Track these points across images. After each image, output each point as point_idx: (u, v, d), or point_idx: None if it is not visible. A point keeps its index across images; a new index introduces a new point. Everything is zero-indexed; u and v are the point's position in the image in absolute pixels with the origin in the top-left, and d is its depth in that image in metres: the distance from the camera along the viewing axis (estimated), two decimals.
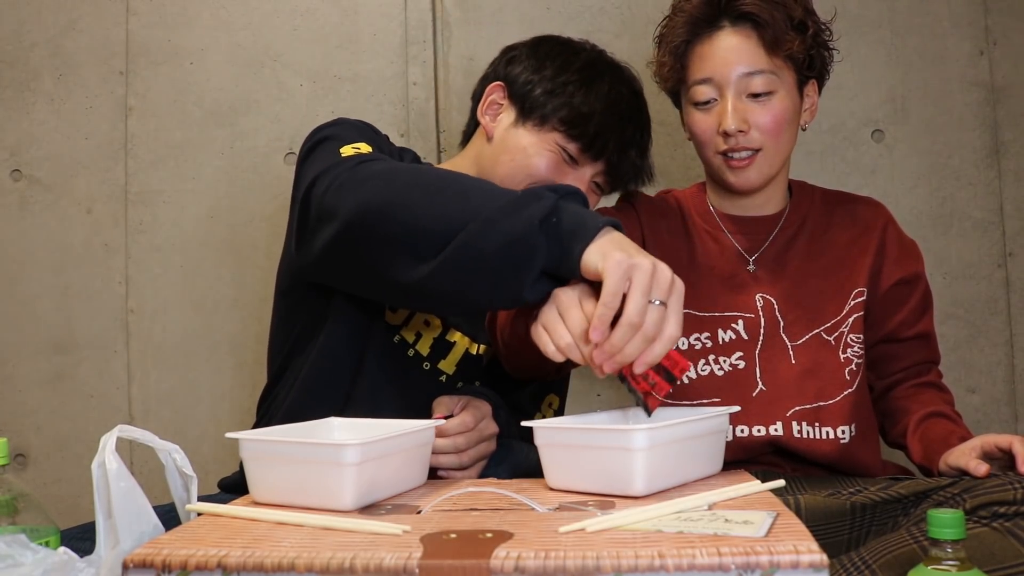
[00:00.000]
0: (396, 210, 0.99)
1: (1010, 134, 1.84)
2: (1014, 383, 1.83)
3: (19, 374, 1.86)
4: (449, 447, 1.10)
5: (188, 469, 0.90)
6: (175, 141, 1.87)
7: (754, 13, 1.24)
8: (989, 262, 1.83)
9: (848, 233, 1.36)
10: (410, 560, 0.66)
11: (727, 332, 1.31)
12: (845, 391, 1.29)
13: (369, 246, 1.02)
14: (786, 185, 1.39)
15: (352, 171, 1.06)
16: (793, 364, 1.30)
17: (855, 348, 1.31)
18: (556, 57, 1.30)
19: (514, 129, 1.30)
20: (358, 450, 0.83)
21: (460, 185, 1.00)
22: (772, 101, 1.26)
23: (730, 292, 1.33)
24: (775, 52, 1.25)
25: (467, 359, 1.31)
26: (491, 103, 1.33)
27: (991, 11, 1.84)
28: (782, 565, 0.65)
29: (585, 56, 1.32)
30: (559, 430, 0.95)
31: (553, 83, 1.28)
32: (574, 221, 0.93)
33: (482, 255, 0.93)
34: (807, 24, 1.26)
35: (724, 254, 1.35)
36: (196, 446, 1.81)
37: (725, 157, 1.28)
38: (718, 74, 1.26)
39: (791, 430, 1.27)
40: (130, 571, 0.69)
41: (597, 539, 0.71)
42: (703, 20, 1.28)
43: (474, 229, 0.93)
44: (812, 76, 1.32)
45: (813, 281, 1.33)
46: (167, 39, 1.88)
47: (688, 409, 1.21)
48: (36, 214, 1.87)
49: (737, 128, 1.25)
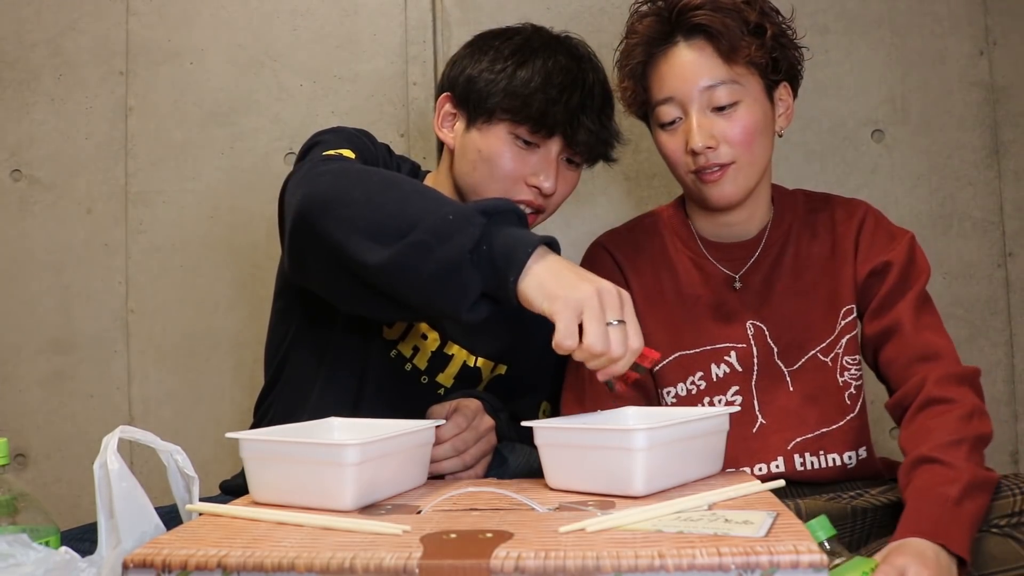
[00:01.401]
0: (337, 205, 0.99)
1: (1010, 134, 1.84)
2: (1014, 383, 1.83)
3: (19, 374, 1.86)
4: (449, 451, 1.10)
5: (190, 470, 0.90)
6: (175, 141, 1.87)
7: (706, 24, 1.20)
8: (989, 262, 1.83)
9: (827, 243, 1.30)
10: (410, 560, 0.66)
11: (720, 366, 1.27)
12: (847, 416, 1.25)
13: (313, 243, 1.02)
14: (769, 196, 1.32)
15: (310, 169, 1.08)
16: (792, 392, 1.25)
17: (852, 371, 1.26)
18: (489, 49, 1.27)
19: (468, 135, 1.26)
20: (358, 450, 0.84)
21: (403, 191, 1.00)
22: (738, 112, 1.20)
23: (719, 322, 1.28)
24: (734, 60, 1.20)
25: (465, 371, 1.31)
26: (444, 116, 1.30)
27: (991, 11, 1.84)
28: (782, 565, 0.65)
29: (519, 38, 1.28)
30: (559, 430, 0.95)
31: (490, 74, 1.24)
32: (506, 246, 0.93)
33: (419, 278, 0.94)
34: (764, 27, 1.21)
35: (709, 282, 1.30)
36: (196, 446, 1.81)
37: (698, 175, 1.23)
38: (678, 91, 1.22)
39: (793, 464, 1.23)
40: (130, 571, 0.69)
41: (597, 539, 0.71)
42: (657, 39, 1.24)
43: (408, 250, 0.93)
44: (780, 79, 1.26)
45: (801, 300, 1.28)
46: (167, 39, 1.88)
47: (688, 409, 1.21)
48: (36, 214, 1.87)
49: (705, 145, 1.19)
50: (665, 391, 1.28)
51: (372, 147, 1.25)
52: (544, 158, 1.25)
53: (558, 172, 1.26)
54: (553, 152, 1.25)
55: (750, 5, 1.21)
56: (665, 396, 1.28)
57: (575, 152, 1.27)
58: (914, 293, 1.23)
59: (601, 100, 1.27)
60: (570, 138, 1.24)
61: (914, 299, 1.23)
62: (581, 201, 1.85)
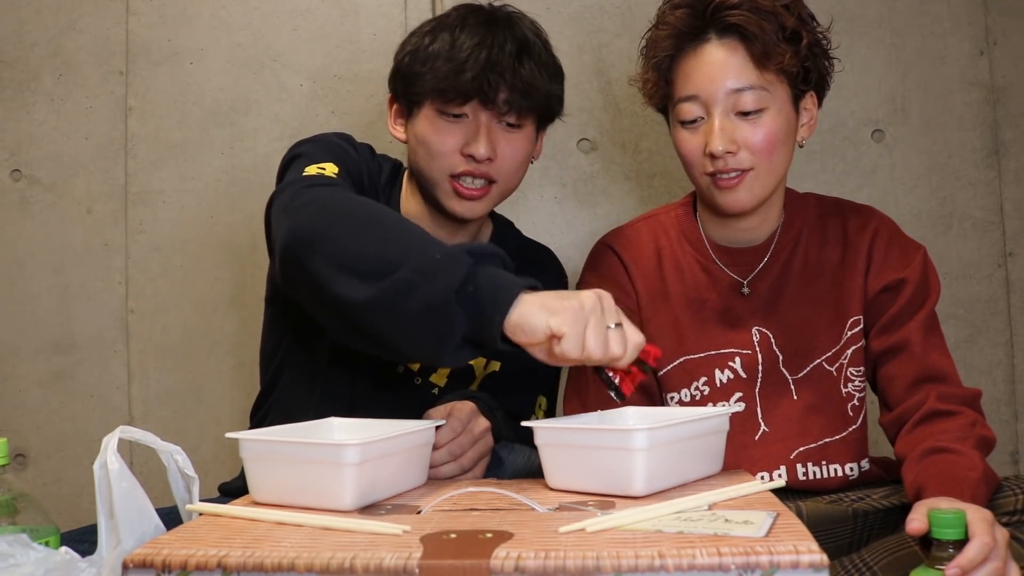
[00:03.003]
0: (321, 242, 1.01)
1: (1010, 134, 1.84)
2: (1014, 383, 1.83)
3: (19, 374, 1.86)
4: (445, 456, 1.10)
5: (190, 470, 0.90)
6: (175, 141, 1.87)
7: (741, 25, 1.15)
8: (989, 262, 1.83)
9: (838, 252, 1.27)
10: (410, 560, 0.66)
11: (724, 372, 1.25)
12: (850, 427, 1.24)
13: (300, 275, 1.04)
14: (781, 202, 1.29)
15: (294, 196, 1.09)
16: (795, 400, 1.24)
17: (855, 383, 1.25)
18: (411, 38, 1.28)
19: (409, 126, 1.28)
20: (358, 450, 0.84)
21: (385, 226, 1.01)
22: (763, 119, 1.17)
23: (725, 327, 1.26)
24: (765, 66, 1.16)
25: (458, 370, 1.31)
26: (393, 116, 1.32)
27: (991, 11, 1.84)
28: (782, 565, 0.65)
29: (436, 20, 1.27)
30: (559, 430, 0.95)
31: (410, 60, 1.25)
32: (492, 286, 0.93)
33: (404, 316, 0.94)
34: (801, 34, 1.17)
35: (716, 287, 1.27)
36: (196, 446, 1.81)
37: (713, 178, 1.20)
38: (704, 91, 1.17)
39: (795, 473, 1.22)
40: (130, 571, 0.69)
41: (597, 539, 0.71)
42: (688, 33, 1.19)
43: (394, 288, 0.93)
44: (808, 89, 1.23)
45: (808, 308, 1.26)
46: (167, 39, 1.88)
47: (688, 409, 1.21)
48: (36, 214, 1.87)
49: (725, 150, 1.16)
50: (669, 396, 1.28)
51: (354, 153, 1.26)
52: (472, 126, 1.23)
53: (491, 136, 1.23)
54: (482, 118, 1.22)
55: (789, 10, 1.17)
56: (669, 401, 1.28)
57: (507, 111, 1.22)
58: (924, 313, 1.22)
59: (516, 56, 1.21)
60: (489, 100, 1.20)
61: (924, 319, 1.22)
62: (582, 201, 1.85)
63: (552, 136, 1.86)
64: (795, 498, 1.19)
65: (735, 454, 1.15)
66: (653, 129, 1.82)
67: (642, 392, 1.27)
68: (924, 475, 1.03)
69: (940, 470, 1.03)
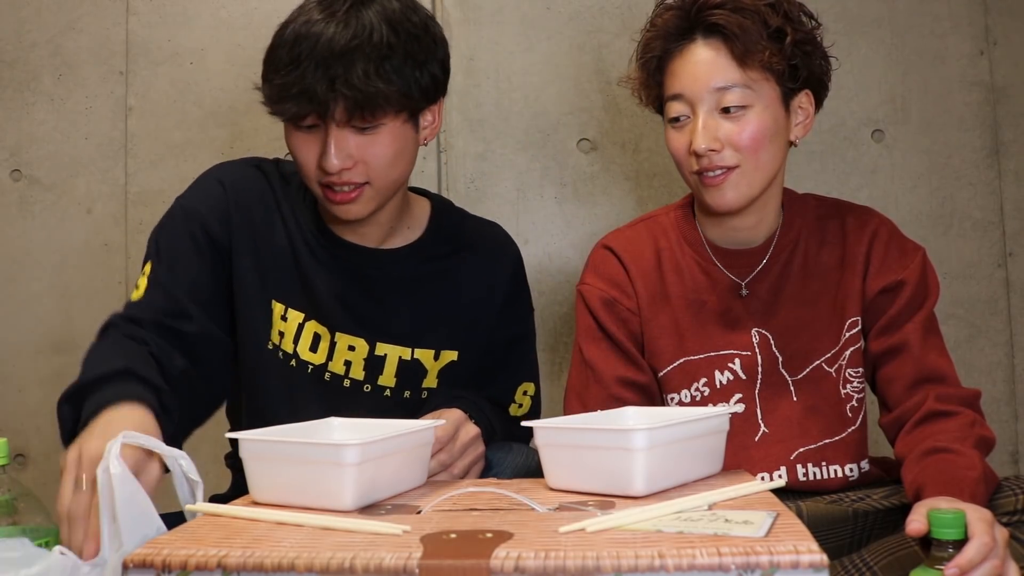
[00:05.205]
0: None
1: (1010, 134, 1.84)
2: (1014, 383, 1.83)
3: (19, 374, 1.86)
4: (436, 468, 1.09)
5: (194, 475, 0.90)
6: (175, 141, 1.87)
7: (722, 24, 1.17)
8: (989, 262, 1.83)
9: (837, 252, 1.27)
10: (410, 560, 0.66)
11: (724, 373, 1.26)
12: (849, 428, 1.24)
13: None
14: (779, 203, 1.28)
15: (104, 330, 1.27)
16: (795, 401, 1.24)
17: (854, 384, 1.25)
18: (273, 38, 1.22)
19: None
20: (358, 450, 0.83)
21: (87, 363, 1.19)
22: (747, 116, 1.17)
23: (724, 328, 1.26)
24: (748, 64, 1.17)
25: (405, 367, 1.28)
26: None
27: (991, 11, 1.84)
28: (782, 565, 0.65)
29: (296, 10, 1.20)
30: (559, 430, 0.95)
31: (264, 70, 1.19)
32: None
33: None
34: (785, 32, 1.17)
35: (716, 288, 1.27)
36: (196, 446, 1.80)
37: (700, 176, 1.20)
38: (688, 90, 1.19)
39: (796, 474, 1.22)
40: (130, 571, 0.70)
41: (597, 539, 0.71)
42: (676, 34, 1.21)
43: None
44: (799, 87, 1.22)
45: (807, 309, 1.26)
46: (167, 39, 1.88)
47: (688, 409, 1.21)
48: (36, 214, 1.87)
49: (708, 147, 1.17)
50: (670, 397, 1.28)
51: (213, 199, 1.29)
52: (321, 137, 1.15)
53: (341, 145, 1.14)
54: (330, 128, 1.14)
55: (773, 8, 1.18)
56: (669, 402, 1.28)
57: (354, 112, 1.12)
58: (923, 314, 1.23)
59: (348, 61, 1.10)
60: (326, 112, 1.12)
61: (923, 320, 1.22)
62: (582, 201, 1.85)
63: (552, 136, 1.87)
64: (795, 498, 1.19)
65: (735, 455, 1.15)
66: (653, 129, 1.82)
67: (643, 393, 1.27)
68: (924, 475, 1.04)
69: (940, 470, 1.03)
